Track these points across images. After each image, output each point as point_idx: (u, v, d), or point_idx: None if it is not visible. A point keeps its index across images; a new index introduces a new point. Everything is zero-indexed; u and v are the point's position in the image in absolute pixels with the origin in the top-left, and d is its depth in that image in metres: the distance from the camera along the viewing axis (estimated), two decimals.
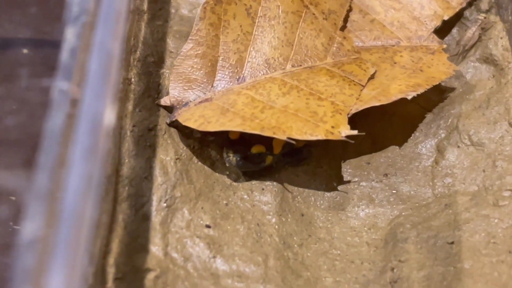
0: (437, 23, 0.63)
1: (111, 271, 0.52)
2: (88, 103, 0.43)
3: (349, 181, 0.60)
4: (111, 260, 0.52)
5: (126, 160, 0.56)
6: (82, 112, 0.42)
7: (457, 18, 0.65)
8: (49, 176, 0.41)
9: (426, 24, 0.63)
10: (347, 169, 0.60)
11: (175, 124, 0.59)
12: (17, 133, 0.60)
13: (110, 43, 0.46)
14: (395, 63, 0.60)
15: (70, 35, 0.46)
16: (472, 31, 0.63)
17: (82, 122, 0.42)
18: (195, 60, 0.59)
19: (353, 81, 0.58)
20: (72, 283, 0.38)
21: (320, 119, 0.55)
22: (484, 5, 0.64)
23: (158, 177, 0.56)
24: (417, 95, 0.57)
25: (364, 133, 0.55)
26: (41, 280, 0.38)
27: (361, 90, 0.58)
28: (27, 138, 0.59)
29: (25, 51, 0.64)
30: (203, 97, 0.58)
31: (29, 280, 0.38)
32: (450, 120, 0.60)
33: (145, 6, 0.64)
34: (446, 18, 0.63)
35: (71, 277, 0.38)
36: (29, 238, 0.39)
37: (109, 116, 0.43)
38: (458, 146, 0.59)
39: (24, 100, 0.60)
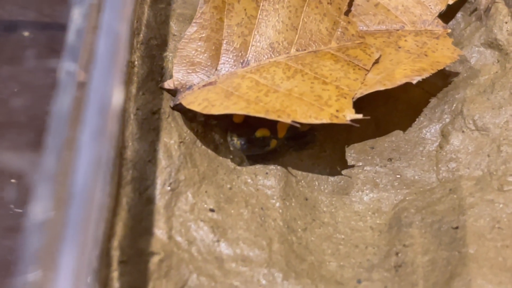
0: (442, 7, 0.63)
1: (115, 254, 0.51)
2: (96, 84, 0.43)
3: (353, 166, 0.60)
4: (115, 243, 0.52)
5: (130, 143, 0.56)
6: (90, 93, 0.42)
7: (462, 2, 0.65)
8: (57, 158, 0.41)
9: (431, 8, 0.63)
10: (351, 153, 0.60)
11: (178, 108, 0.59)
12: (23, 115, 0.59)
13: (118, 24, 0.45)
14: (399, 47, 0.60)
15: (76, 16, 0.46)
16: None
17: (90, 103, 0.42)
18: (199, 43, 0.59)
19: (358, 65, 0.58)
20: (82, 265, 0.38)
21: (325, 102, 0.55)
22: None
23: (162, 160, 0.56)
24: (422, 79, 0.57)
25: (369, 117, 0.54)
26: (50, 262, 0.38)
27: (366, 74, 0.58)
28: (33, 120, 0.59)
29: (28, 33, 0.64)
30: (207, 80, 0.58)
31: (38, 262, 0.38)
32: (454, 105, 0.60)
33: None
34: (450, 2, 0.63)
35: (80, 259, 0.38)
36: (38, 220, 0.39)
37: (117, 98, 0.43)
38: (463, 131, 0.59)
39: (29, 82, 0.60)
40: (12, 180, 0.59)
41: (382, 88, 0.56)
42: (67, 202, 0.39)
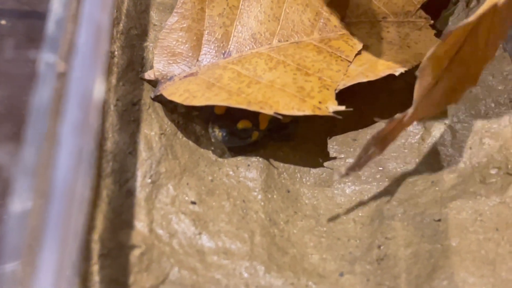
0: None
1: (95, 247, 0.51)
2: (77, 75, 0.42)
3: (335, 158, 0.59)
4: (95, 236, 0.51)
5: (110, 135, 0.55)
6: (71, 85, 0.41)
7: None
8: (37, 151, 0.40)
9: None
10: (333, 145, 0.60)
11: (159, 99, 0.58)
12: (3, 106, 0.58)
13: (99, 14, 0.45)
14: (382, 38, 0.60)
15: (56, 5, 0.45)
16: None
17: (71, 95, 0.41)
18: (180, 33, 0.58)
19: (340, 57, 0.58)
20: (63, 259, 0.38)
21: (307, 94, 0.55)
22: None
23: (143, 152, 0.56)
24: (404, 71, 0.57)
25: (351, 109, 0.54)
26: (31, 256, 0.37)
27: (348, 66, 0.57)
28: (11, 112, 0.58)
29: (6, 22, 0.63)
30: (188, 71, 0.57)
31: (18, 255, 0.37)
32: None
33: None
34: None
35: (61, 253, 0.38)
36: (17, 213, 0.38)
37: (99, 90, 0.42)
38: (445, 123, 0.59)
39: (7, 72, 0.59)
40: None
41: (365, 79, 0.56)
42: (48, 195, 0.38)
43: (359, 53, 0.58)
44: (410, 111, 0.50)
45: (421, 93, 0.50)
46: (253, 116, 0.57)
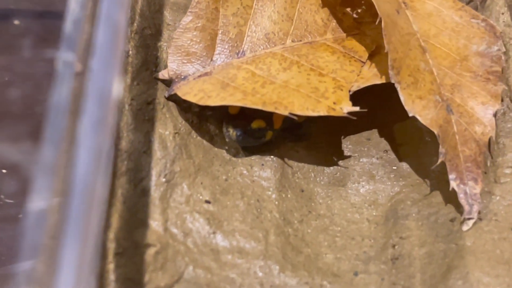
0: None
1: (111, 246, 0.51)
2: (96, 75, 0.42)
3: (349, 157, 0.59)
4: (111, 235, 0.51)
5: (125, 134, 0.55)
6: (90, 84, 0.42)
7: None
8: (56, 150, 0.40)
9: None
10: (347, 145, 0.60)
11: (173, 98, 0.58)
12: (19, 106, 0.58)
13: (116, 14, 0.45)
14: None
15: (74, 6, 0.45)
16: None
17: (90, 94, 0.41)
18: (194, 33, 0.58)
19: (354, 57, 0.58)
20: (83, 257, 0.38)
21: (322, 95, 0.55)
22: None
23: (157, 151, 0.56)
24: None
25: (366, 110, 0.54)
26: (51, 254, 0.38)
27: (362, 66, 0.58)
28: (29, 111, 0.58)
29: (21, 22, 0.63)
30: (202, 71, 0.58)
31: (38, 254, 0.37)
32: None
33: None
34: None
35: (82, 251, 0.38)
36: (37, 212, 0.38)
37: (117, 88, 0.43)
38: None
39: (25, 72, 0.59)
40: (3, 171, 0.58)
41: (379, 81, 0.56)
42: (67, 194, 0.39)
43: (372, 53, 0.58)
44: None
45: None
46: (267, 115, 0.57)
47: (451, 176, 0.53)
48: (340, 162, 0.59)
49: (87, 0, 0.46)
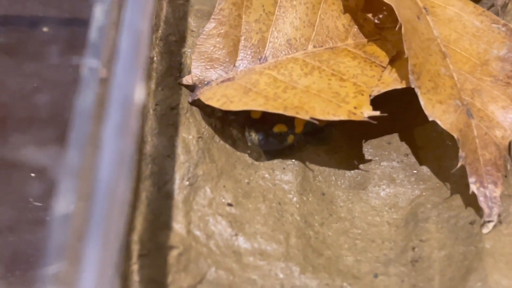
0: None
1: (135, 248, 0.52)
2: (119, 81, 0.43)
3: (369, 161, 0.60)
4: (135, 237, 0.53)
5: (149, 139, 0.57)
6: (113, 89, 0.43)
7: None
8: (81, 153, 0.41)
9: None
10: (368, 148, 0.61)
11: (197, 103, 0.59)
12: (46, 111, 0.60)
13: (139, 21, 0.46)
14: None
15: (98, 13, 0.47)
16: None
17: (113, 99, 0.42)
18: (218, 39, 0.59)
19: (374, 62, 0.59)
20: (105, 259, 0.39)
21: (343, 99, 0.56)
22: None
23: (181, 155, 0.57)
24: None
25: (386, 114, 0.55)
26: (75, 255, 0.39)
27: (383, 71, 0.58)
28: (55, 116, 0.59)
29: (49, 29, 0.64)
30: (225, 76, 0.59)
31: (63, 255, 0.39)
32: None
33: None
34: None
35: (104, 253, 0.39)
36: (62, 214, 0.40)
37: (140, 94, 0.44)
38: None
39: (51, 78, 0.61)
40: (32, 174, 0.59)
41: (399, 86, 0.57)
42: (91, 197, 0.40)
43: (393, 58, 0.59)
44: None
45: None
46: (289, 120, 0.58)
47: (471, 180, 0.54)
48: (361, 166, 0.60)
49: (111, 8, 0.47)
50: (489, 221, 0.53)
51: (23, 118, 0.61)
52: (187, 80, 0.60)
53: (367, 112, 0.55)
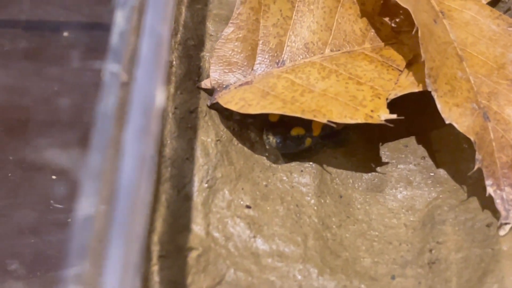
0: None
1: (155, 249, 0.53)
2: (140, 85, 0.44)
3: (386, 163, 0.61)
4: (155, 238, 0.53)
5: (168, 142, 0.57)
6: (134, 94, 0.43)
7: (495, 2, 0.65)
8: (103, 156, 0.42)
9: None
10: (385, 151, 0.61)
11: (215, 107, 0.60)
12: (67, 114, 0.61)
13: (160, 26, 0.47)
14: None
15: (119, 19, 0.47)
16: None
17: (134, 103, 0.43)
18: (236, 43, 0.60)
19: (391, 66, 0.59)
20: (128, 260, 0.40)
21: (360, 103, 0.56)
22: None
23: (200, 158, 0.57)
24: None
25: (403, 117, 0.55)
26: (98, 257, 0.39)
27: (399, 75, 0.59)
28: (76, 119, 0.60)
29: (70, 34, 0.65)
30: (243, 80, 0.59)
31: (86, 256, 0.39)
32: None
33: None
34: (484, 2, 0.63)
35: (126, 255, 0.39)
36: (85, 216, 0.40)
37: (160, 98, 0.44)
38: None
39: (73, 82, 0.62)
40: (53, 177, 0.60)
41: (416, 89, 0.57)
42: (113, 199, 0.40)
43: (410, 62, 0.60)
44: None
45: None
46: (306, 123, 0.58)
47: (488, 182, 0.54)
48: (378, 169, 0.60)
49: (132, 13, 0.48)
50: (505, 223, 0.54)
51: (45, 121, 0.62)
52: (205, 83, 0.61)
53: (384, 115, 0.55)
